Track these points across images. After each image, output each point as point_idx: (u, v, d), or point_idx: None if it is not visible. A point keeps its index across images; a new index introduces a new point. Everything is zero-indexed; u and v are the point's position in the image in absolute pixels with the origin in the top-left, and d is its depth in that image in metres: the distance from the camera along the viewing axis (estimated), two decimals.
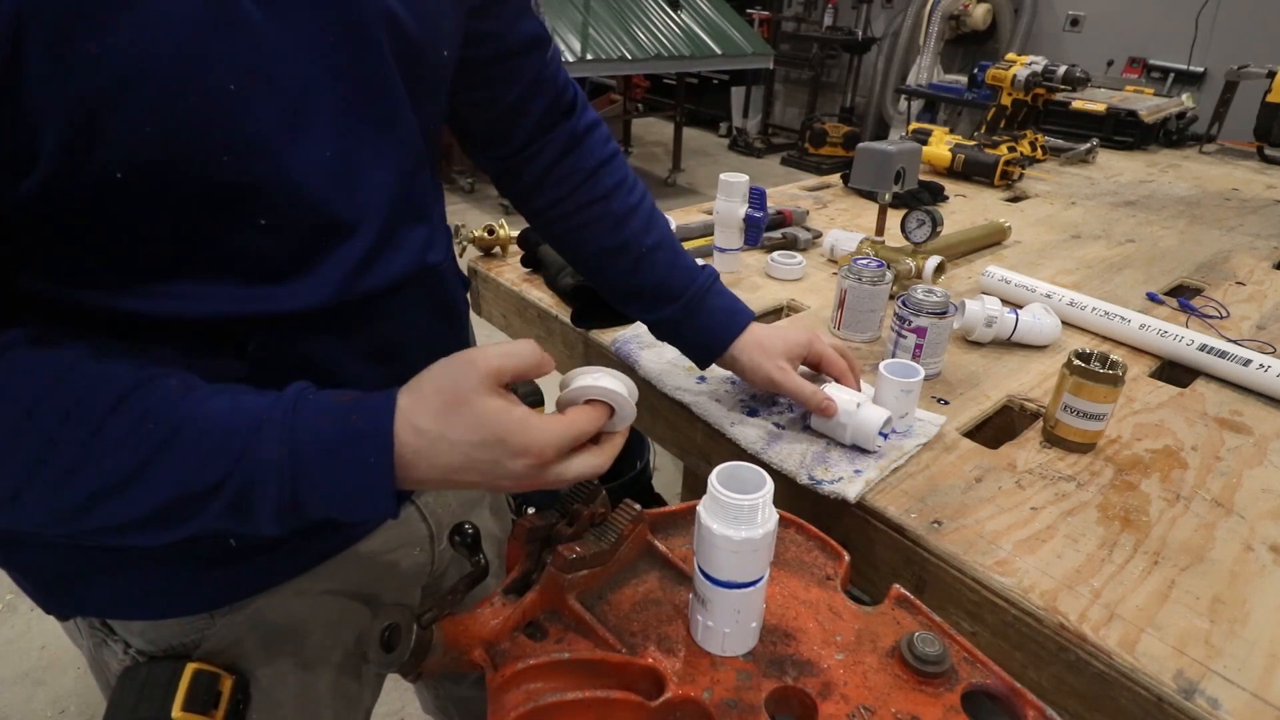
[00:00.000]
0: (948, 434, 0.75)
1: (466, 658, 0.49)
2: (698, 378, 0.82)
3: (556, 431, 0.45)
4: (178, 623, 0.56)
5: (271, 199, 0.44)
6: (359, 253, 0.50)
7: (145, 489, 0.39)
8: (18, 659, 1.59)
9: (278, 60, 0.42)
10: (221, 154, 0.41)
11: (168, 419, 0.40)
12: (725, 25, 4.25)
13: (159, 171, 0.39)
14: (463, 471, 0.43)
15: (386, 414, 0.42)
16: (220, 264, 0.45)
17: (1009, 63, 1.90)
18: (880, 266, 0.92)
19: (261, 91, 0.41)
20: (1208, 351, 0.88)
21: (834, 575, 0.54)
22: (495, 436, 0.43)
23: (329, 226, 0.48)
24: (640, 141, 5.86)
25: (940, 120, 4.42)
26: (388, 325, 0.55)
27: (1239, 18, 3.88)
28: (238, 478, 0.40)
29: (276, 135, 0.43)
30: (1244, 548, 0.62)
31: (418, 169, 0.54)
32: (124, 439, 0.39)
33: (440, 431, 0.42)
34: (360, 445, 0.42)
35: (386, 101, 0.50)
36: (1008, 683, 0.46)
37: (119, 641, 0.56)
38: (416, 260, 0.55)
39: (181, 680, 0.53)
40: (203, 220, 0.43)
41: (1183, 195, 1.72)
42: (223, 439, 0.40)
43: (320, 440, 0.41)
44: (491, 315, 1.16)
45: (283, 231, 0.46)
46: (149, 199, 0.40)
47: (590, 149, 0.71)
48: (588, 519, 0.52)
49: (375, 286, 0.52)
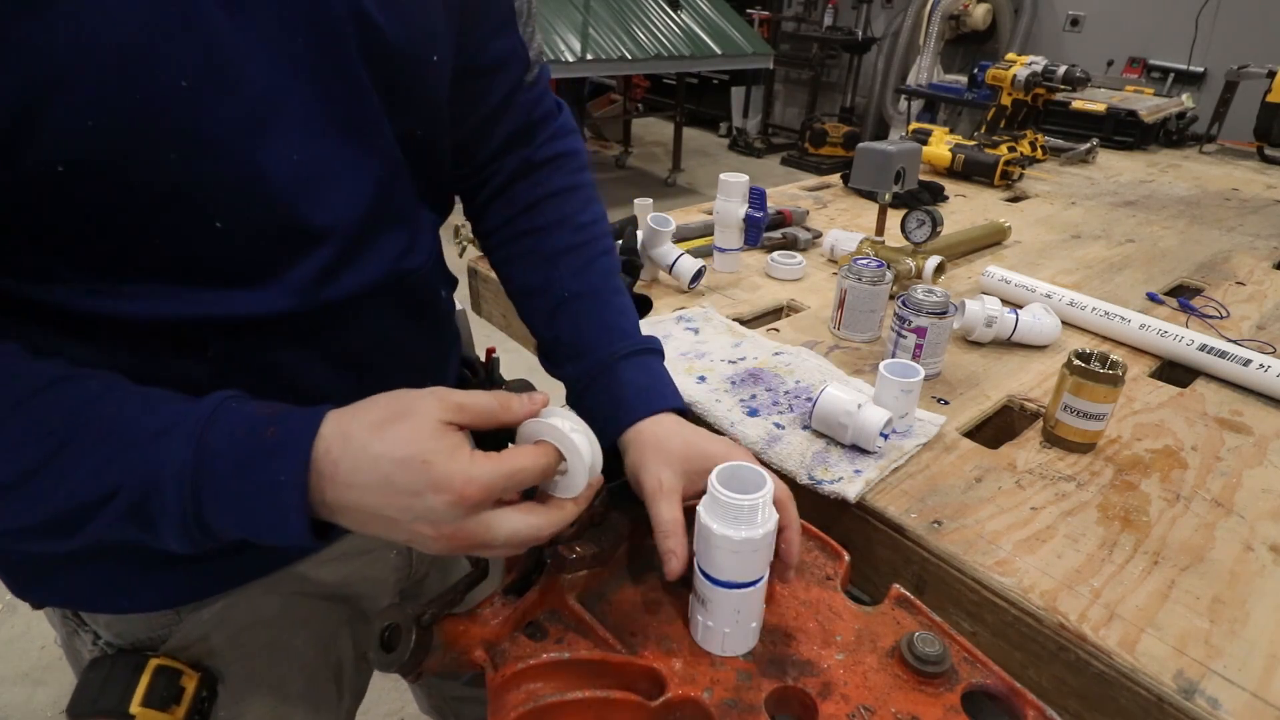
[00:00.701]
0: (948, 434, 0.75)
1: (466, 658, 0.49)
2: (698, 377, 0.82)
3: (486, 467, 0.39)
4: (143, 618, 0.56)
5: (228, 201, 0.43)
6: (326, 260, 0.48)
7: (36, 493, 0.38)
8: (18, 659, 1.59)
9: (239, 61, 0.40)
10: (169, 152, 0.39)
11: (71, 421, 0.38)
12: (725, 25, 4.25)
13: (101, 167, 0.38)
14: (377, 500, 0.39)
15: (308, 430, 0.39)
16: (175, 265, 0.44)
17: (1009, 63, 1.90)
18: (880, 266, 0.92)
19: (218, 91, 0.40)
20: (1208, 351, 0.88)
21: (834, 575, 0.54)
22: (420, 458, 0.38)
23: (294, 232, 0.47)
24: (640, 141, 5.86)
25: (940, 120, 4.42)
26: (357, 332, 0.53)
27: (1239, 18, 3.88)
28: (133, 488, 0.38)
29: (236, 137, 0.41)
30: (1244, 548, 0.62)
31: (397, 175, 0.52)
32: (22, 439, 0.37)
33: (365, 442, 0.39)
34: (272, 460, 0.38)
35: (359, 107, 0.48)
36: (1008, 683, 0.46)
37: (89, 631, 0.57)
38: (391, 267, 0.53)
39: (143, 676, 0.53)
40: (152, 219, 0.41)
41: (1183, 195, 1.72)
42: (122, 445, 0.38)
43: (231, 451, 0.38)
44: (491, 315, 1.16)
45: (241, 235, 0.45)
46: (93, 195, 0.39)
47: (542, 179, 0.65)
48: (588, 519, 0.52)
49: (343, 294, 0.50)
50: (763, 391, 0.80)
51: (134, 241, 0.42)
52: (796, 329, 0.97)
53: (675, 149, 4.97)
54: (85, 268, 0.42)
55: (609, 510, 0.54)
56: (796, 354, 0.87)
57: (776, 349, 0.88)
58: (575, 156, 0.68)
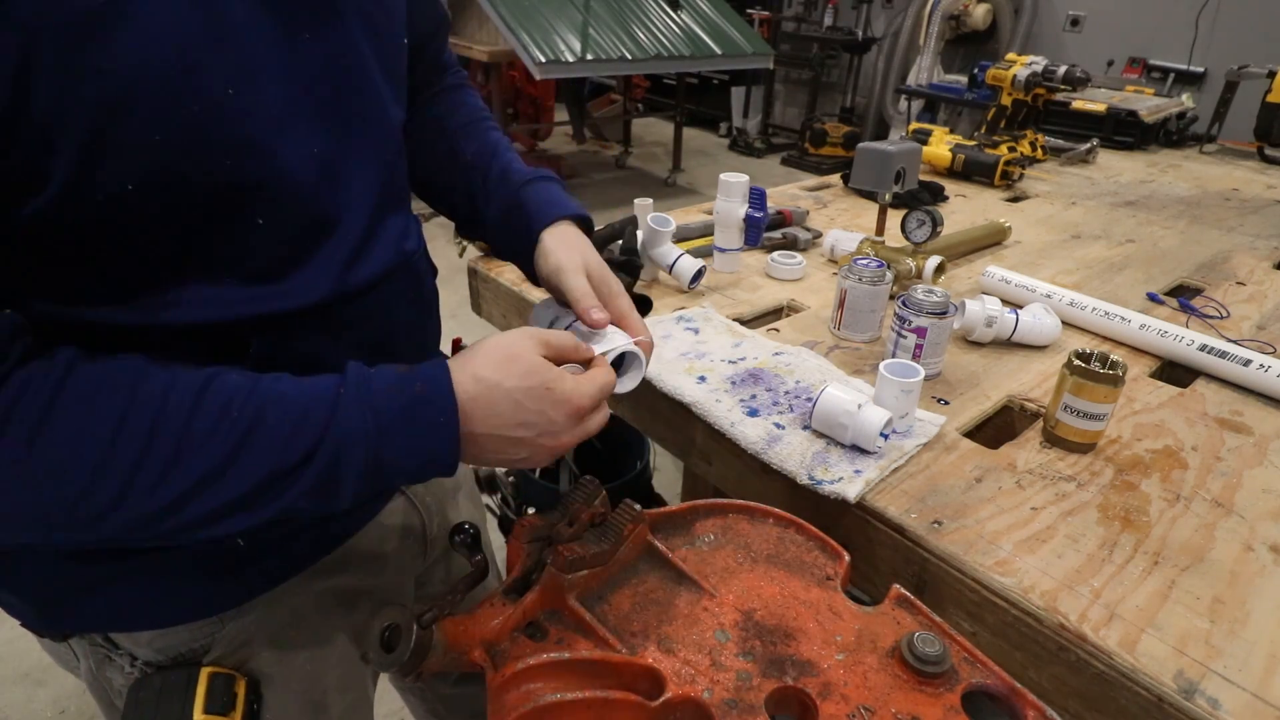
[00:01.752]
0: (948, 434, 0.75)
1: (466, 658, 0.49)
2: (698, 377, 0.82)
3: (587, 385, 0.50)
4: (187, 629, 0.56)
5: (267, 198, 0.46)
6: (348, 246, 0.52)
7: (240, 472, 0.41)
8: (18, 659, 1.59)
9: (265, 63, 0.43)
10: (223, 157, 0.42)
11: (247, 405, 0.42)
12: (725, 25, 4.25)
13: (166, 179, 0.41)
14: (513, 424, 0.48)
15: (445, 378, 0.47)
16: (221, 268, 0.46)
17: (1009, 63, 1.89)
18: (880, 266, 0.92)
19: (253, 94, 0.43)
20: (1208, 351, 0.88)
21: (834, 575, 0.54)
22: (543, 384, 0.48)
23: (319, 222, 0.50)
24: (640, 141, 5.86)
25: (940, 120, 4.42)
26: (376, 318, 0.56)
27: (1239, 18, 3.88)
28: (328, 448, 0.43)
29: (268, 135, 0.44)
30: (1244, 548, 0.62)
31: (397, 158, 0.57)
32: (213, 430, 0.41)
33: (497, 380, 0.47)
34: (429, 408, 0.46)
35: (365, 95, 0.52)
36: (1008, 683, 0.46)
37: (124, 655, 0.56)
38: (396, 249, 0.57)
39: (198, 684, 0.54)
40: (206, 225, 0.44)
41: (1183, 195, 1.72)
42: (303, 416, 0.43)
43: (395, 407, 0.45)
44: (491, 315, 1.16)
45: (278, 230, 0.47)
46: (158, 208, 0.41)
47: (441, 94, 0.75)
48: (588, 519, 0.52)
49: (364, 279, 0.54)
50: (763, 391, 0.80)
51: (186, 251, 0.45)
52: (796, 329, 0.97)
53: (675, 149, 4.97)
54: (134, 284, 0.44)
55: (609, 510, 0.54)
56: (796, 354, 0.87)
57: (776, 349, 0.88)
58: (470, 87, 0.78)
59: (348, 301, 0.53)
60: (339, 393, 0.44)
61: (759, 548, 0.56)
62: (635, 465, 1.60)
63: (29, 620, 0.56)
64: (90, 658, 0.57)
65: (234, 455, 0.41)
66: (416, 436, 0.45)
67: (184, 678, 0.54)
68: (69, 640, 0.57)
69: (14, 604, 0.55)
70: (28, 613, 0.55)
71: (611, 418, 0.58)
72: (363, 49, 0.51)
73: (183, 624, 0.56)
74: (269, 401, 0.43)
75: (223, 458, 0.41)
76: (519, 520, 0.54)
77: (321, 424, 0.43)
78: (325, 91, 0.48)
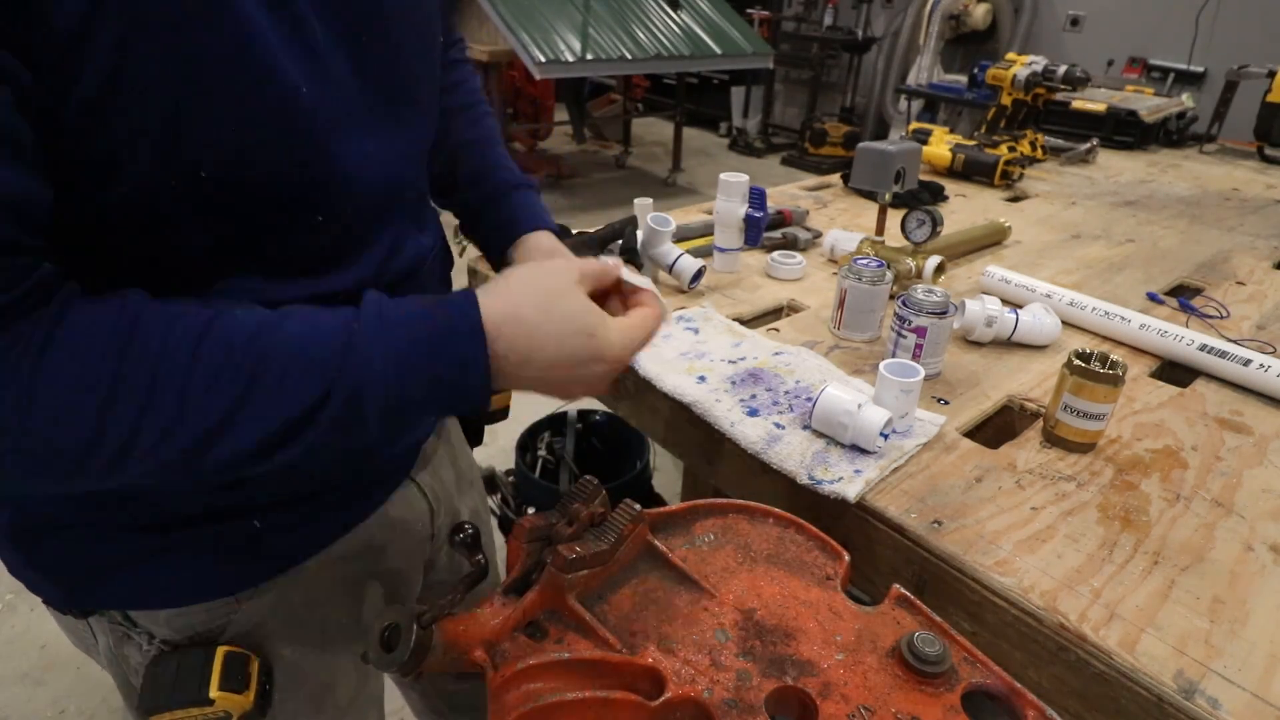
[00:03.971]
0: (948, 434, 0.75)
1: (466, 658, 0.49)
2: (698, 377, 0.82)
3: (630, 335, 0.49)
4: (204, 608, 0.57)
5: (327, 195, 0.46)
6: (387, 244, 0.53)
7: (250, 420, 0.40)
8: (18, 659, 1.59)
9: (330, 63, 0.44)
10: (295, 153, 0.43)
11: (249, 352, 0.40)
12: (725, 25, 4.25)
13: (238, 173, 0.41)
14: (550, 370, 0.46)
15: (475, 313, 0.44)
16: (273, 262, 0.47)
17: (1009, 62, 1.89)
18: (880, 266, 0.92)
19: (321, 93, 0.44)
20: (1208, 351, 0.88)
21: (834, 575, 0.54)
22: (586, 330, 0.46)
23: (367, 221, 0.51)
24: (640, 141, 5.86)
25: (940, 120, 4.42)
26: None
27: (1239, 18, 3.88)
28: (340, 391, 0.41)
29: (330, 133, 0.45)
30: (1244, 548, 0.62)
31: (426, 151, 0.58)
32: (213, 384, 0.39)
33: (538, 321, 0.45)
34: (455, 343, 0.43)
35: (408, 90, 0.53)
36: (1008, 683, 0.46)
37: (142, 634, 0.57)
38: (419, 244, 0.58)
39: (215, 662, 0.55)
40: (269, 220, 0.45)
41: (1183, 195, 1.72)
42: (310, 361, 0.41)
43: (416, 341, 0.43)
44: None
45: (332, 226, 0.48)
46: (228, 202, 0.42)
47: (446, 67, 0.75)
48: (587, 519, 0.52)
49: (395, 273, 0.54)
50: (763, 391, 0.80)
51: (245, 245, 0.45)
52: (796, 329, 0.97)
53: (675, 149, 4.97)
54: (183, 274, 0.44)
55: (609, 510, 0.54)
56: (796, 354, 0.87)
57: (776, 349, 0.88)
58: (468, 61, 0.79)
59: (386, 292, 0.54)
60: (352, 329, 0.42)
61: (759, 548, 0.56)
62: (635, 465, 1.60)
63: (51, 597, 0.57)
64: (109, 635, 0.58)
65: (239, 405, 0.40)
66: (441, 371, 0.43)
67: (201, 656, 0.55)
68: (89, 619, 0.58)
69: (38, 581, 0.56)
70: (51, 590, 0.56)
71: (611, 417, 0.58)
72: (407, 49, 0.52)
73: (200, 603, 0.57)
74: (272, 347, 0.41)
75: (226, 410, 0.40)
76: (519, 520, 0.54)
77: (332, 368, 0.41)
78: (379, 92, 0.49)
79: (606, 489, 0.54)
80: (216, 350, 0.40)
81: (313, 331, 0.42)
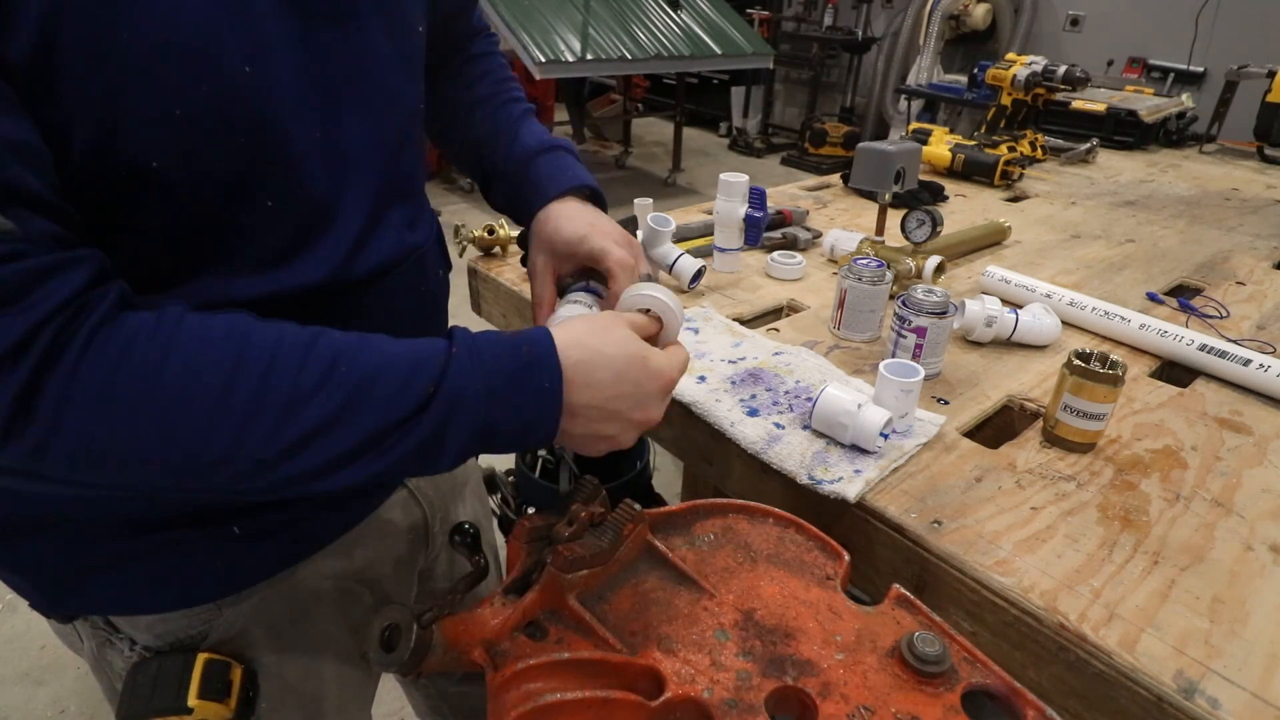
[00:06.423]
0: (948, 434, 0.75)
1: (466, 658, 0.49)
2: (698, 377, 0.82)
3: (675, 359, 0.52)
4: (185, 614, 0.56)
5: (277, 179, 0.46)
6: (350, 235, 0.52)
7: (353, 423, 0.41)
8: (18, 659, 1.59)
9: (279, 46, 0.44)
10: (239, 136, 0.42)
11: (357, 359, 0.42)
12: (725, 25, 4.25)
13: (188, 159, 0.41)
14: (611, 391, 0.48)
15: (550, 343, 0.47)
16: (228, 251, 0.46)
17: (1009, 63, 1.89)
18: (880, 266, 0.92)
19: (269, 75, 0.43)
20: (1208, 351, 0.88)
21: (834, 575, 0.54)
22: (640, 354, 0.49)
23: (321, 207, 0.50)
24: (640, 141, 5.86)
25: (940, 120, 4.42)
26: (378, 311, 0.56)
27: (1239, 18, 3.88)
28: (440, 404, 0.43)
29: (282, 117, 0.44)
30: (1244, 548, 0.62)
31: (404, 145, 0.56)
32: (324, 381, 0.41)
33: (598, 346, 0.48)
34: (537, 372, 0.46)
35: (374, 80, 0.52)
36: (1008, 683, 0.46)
37: (124, 639, 0.57)
38: (400, 241, 0.57)
39: (194, 670, 0.54)
40: (223, 206, 0.44)
41: (1183, 195, 1.72)
42: (415, 369, 0.43)
43: (505, 370, 0.45)
44: (491, 315, 1.16)
45: (283, 213, 0.47)
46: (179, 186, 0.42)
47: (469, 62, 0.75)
48: (587, 519, 0.52)
49: (366, 270, 0.53)
50: (763, 391, 0.80)
51: (200, 232, 0.45)
52: (796, 329, 0.97)
53: (675, 149, 4.97)
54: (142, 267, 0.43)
55: (609, 510, 0.54)
56: (796, 354, 0.87)
57: (776, 349, 0.88)
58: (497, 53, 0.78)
59: (348, 293, 0.53)
60: (451, 351, 0.44)
61: (759, 547, 0.56)
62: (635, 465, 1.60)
63: (35, 601, 0.56)
64: (93, 639, 0.58)
65: (347, 404, 0.41)
66: (524, 401, 0.45)
67: (180, 663, 0.54)
68: (74, 622, 0.58)
69: (19, 584, 0.55)
70: (31, 593, 0.56)
71: None
72: (377, 37, 0.51)
73: (180, 609, 0.56)
74: (378, 356, 0.43)
75: (335, 408, 0.41)
76: (519, 520, 0.54)
77: (434, 379, 0.43)
78: (334, 78, 0.48)
79: (606, 489, 0.54)
80: (325, 354, 0.42)
81: (413, 348, 0.44)
